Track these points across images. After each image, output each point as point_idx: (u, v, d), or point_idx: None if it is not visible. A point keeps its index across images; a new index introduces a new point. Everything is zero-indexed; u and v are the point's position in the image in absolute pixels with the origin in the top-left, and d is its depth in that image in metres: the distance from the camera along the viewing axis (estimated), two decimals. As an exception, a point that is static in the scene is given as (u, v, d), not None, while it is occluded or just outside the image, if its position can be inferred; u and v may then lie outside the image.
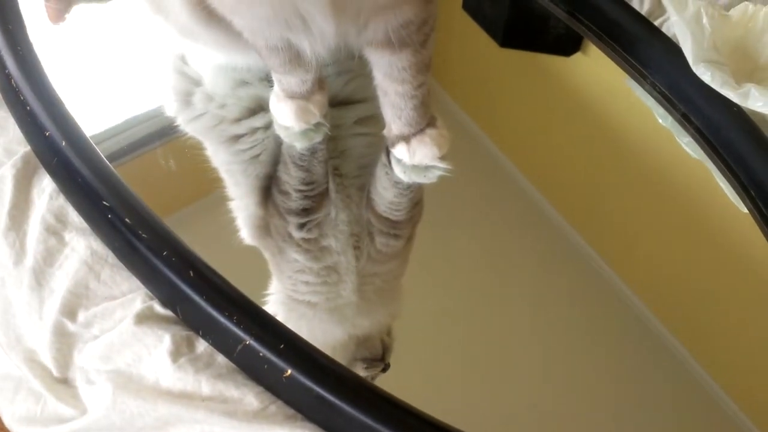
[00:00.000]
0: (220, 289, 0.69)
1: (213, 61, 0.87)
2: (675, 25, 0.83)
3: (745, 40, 0.86)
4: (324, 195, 0.86)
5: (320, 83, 0.80)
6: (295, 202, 0.85)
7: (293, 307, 0.86)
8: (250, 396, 0.67)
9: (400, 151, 0.79)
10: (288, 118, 0.81)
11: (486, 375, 0.97)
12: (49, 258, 0.77)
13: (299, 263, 0.85)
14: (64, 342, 0.73)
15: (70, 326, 0.73)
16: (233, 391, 0.67)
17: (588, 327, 1.01)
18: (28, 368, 0.74)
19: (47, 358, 0.73)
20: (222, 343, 0.68)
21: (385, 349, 0.88)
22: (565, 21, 0.94)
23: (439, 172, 0.81)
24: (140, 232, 0.71)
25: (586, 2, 0.92)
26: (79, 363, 0.73)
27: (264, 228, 0.88)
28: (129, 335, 0.71)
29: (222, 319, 0.67)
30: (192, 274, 0.69)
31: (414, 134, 0.78)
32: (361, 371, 0.85)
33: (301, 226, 0.84)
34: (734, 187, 0.80)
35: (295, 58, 0.70)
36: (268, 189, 0.89)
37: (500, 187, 1.10)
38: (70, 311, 0.74)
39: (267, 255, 0.89)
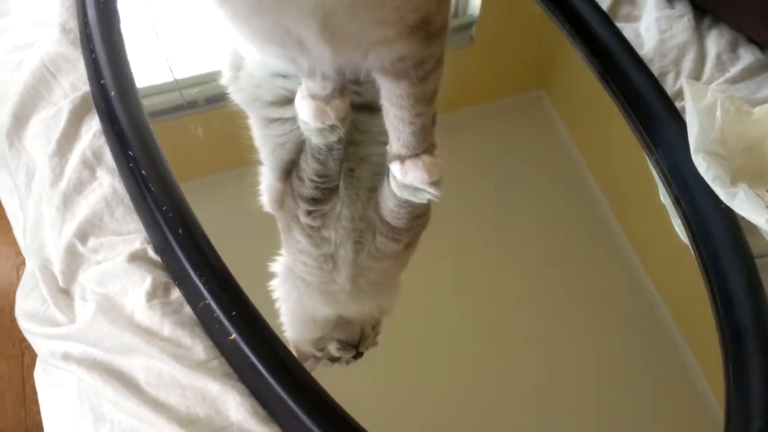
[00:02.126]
0: (201, 251, 0.78)
1: (252, 55, 0.95)
2: (687, 111, 0.85)
3: (764, 140, 0.87)
4: (334, 190, 0.93)
5: (342, 90, 0.87)
6: (307, 190, 0.93)
7: (290, 276, 0.93)
8: (199, 347, 0.76)
9: (395, 168, 0.85)
10: (306, 115, 0.88)
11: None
12: (79, 187, 0.89)
13: (301, 244, 0.93)
14: (73, 260, 0.85)
15: (81, 248, 0.85)
16: (188, 340, 0.77)
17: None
18: (40, 274, 0.86)
19: (57, 270, 0.85)
20: (189, 296, 0.78)
21: (363, 338, 0.93)
22: (597, 79, 0.97)
23: (428, 196, 0.87)
24: (150, 185, 0.82)
25: (617, 68, 0.94)
26: (80, 281, 0.85)
27: (280, 202, 0.96)
28: (121, 269, 0.82)
29: (193, 276, 0.76)
30: (181, 232, 0.79)
31: (409, 156, 0.84)
32: (333, 350, 0.91)
33: (308, 213, 0.92)
34: (703, 280, 0.82)
35: (303, 71, 0.77)
36: (290, 171, 0.97)
37: (577, 199, 1.07)
38: (83, 236, 0.86)
39: (279, 225, 0.98)
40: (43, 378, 0.83)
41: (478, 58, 1.16)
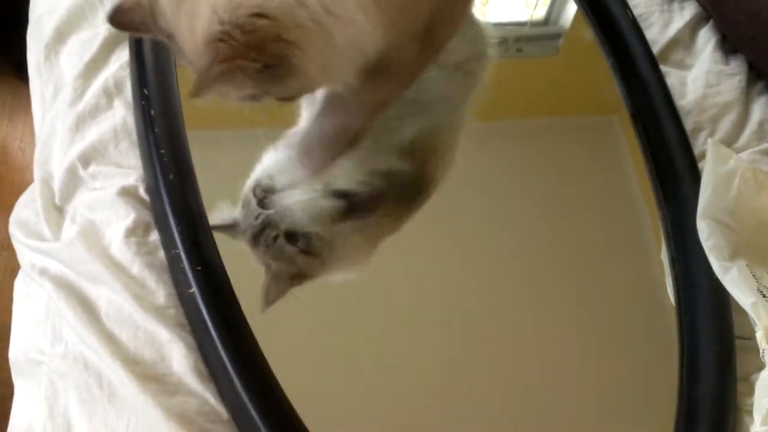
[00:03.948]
0: (185, 200, 0.79)
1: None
2: (704, 173, 0.82)
3: (783, 220, 0.83)
4: None
5: None
6: None
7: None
8: (161, 293, 0.78)
9: None
10: None
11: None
12: (94, 112, 0.91)
13: None
14: (72, 181, 0.88)
15: (81, 171, 0.88)
16: (152, 283, 0.78)
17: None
18: (40, 186, 0.89)
19: (56, 187, 0.88)
20: (165, 241, 0.80)
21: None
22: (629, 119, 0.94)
23: None
24: (155, 126, 0.83)
25: (649, 112, 0.91)
26: (75, 202, 0.87)
27: None
28: (110, 200, 0.84)
29: (171, 223, 0.78)
30: (171, 178, 0.80)
31: None
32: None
33: None
34: (678, 348, 0.79)
35: None
36: None
37: (623, 232, 1.00)
38: (85, 160, 0.88)
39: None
40: (21, 287, 0.86)
41: (558, 71, 1.13)
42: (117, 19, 0.57)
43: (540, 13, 1.16)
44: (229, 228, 0.78)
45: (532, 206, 0.98)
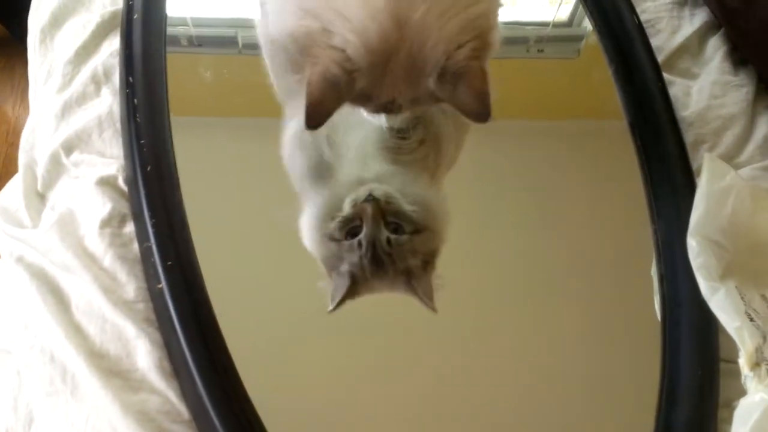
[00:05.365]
0: (162, 193, 0.78)
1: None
2: (698, 189, 0.78)
3: (776, 241, 0.79)
4: None
5: None
6: None
7: None
8: (131, 287, 0.77)
9: None
10: None
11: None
12: (81, 99, 0.91)
13: None
14: (54, 169, 0.87)
15: (64, 159, 0.87)
16: (123, 276, 0.77)
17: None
18: (23, 172, 0.88)
19: (40, 174, 0.87)
20: (139, 234, 0.79)
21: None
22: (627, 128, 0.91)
23: None
24: (137, 115, 0.82)
25: (647, 122, 0.88)
26: (57, 190, 0.86)
27: None
28: (88, 189, 0.83)
29: (146, 216, 0.77)
30: (149, 169, 0.79)
31: None
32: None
33: None
34: (660, 369, 0.76)
35: None
36: None
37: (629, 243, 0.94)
38: (68, 147, 0.87)
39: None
40: (1, 272, 0.86)
41: (578, 74, 1.10)
42: (319, 115, 0.60)
43: (564, 14, 1.13)
44: (352, 285, 0.72)
45: (535, 209, 0.95)
